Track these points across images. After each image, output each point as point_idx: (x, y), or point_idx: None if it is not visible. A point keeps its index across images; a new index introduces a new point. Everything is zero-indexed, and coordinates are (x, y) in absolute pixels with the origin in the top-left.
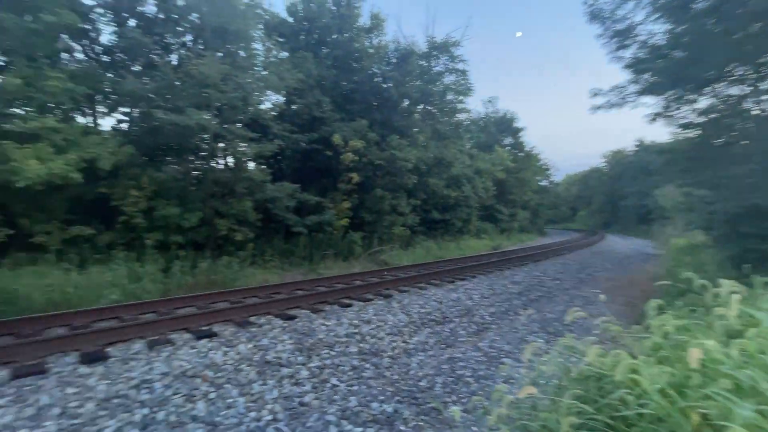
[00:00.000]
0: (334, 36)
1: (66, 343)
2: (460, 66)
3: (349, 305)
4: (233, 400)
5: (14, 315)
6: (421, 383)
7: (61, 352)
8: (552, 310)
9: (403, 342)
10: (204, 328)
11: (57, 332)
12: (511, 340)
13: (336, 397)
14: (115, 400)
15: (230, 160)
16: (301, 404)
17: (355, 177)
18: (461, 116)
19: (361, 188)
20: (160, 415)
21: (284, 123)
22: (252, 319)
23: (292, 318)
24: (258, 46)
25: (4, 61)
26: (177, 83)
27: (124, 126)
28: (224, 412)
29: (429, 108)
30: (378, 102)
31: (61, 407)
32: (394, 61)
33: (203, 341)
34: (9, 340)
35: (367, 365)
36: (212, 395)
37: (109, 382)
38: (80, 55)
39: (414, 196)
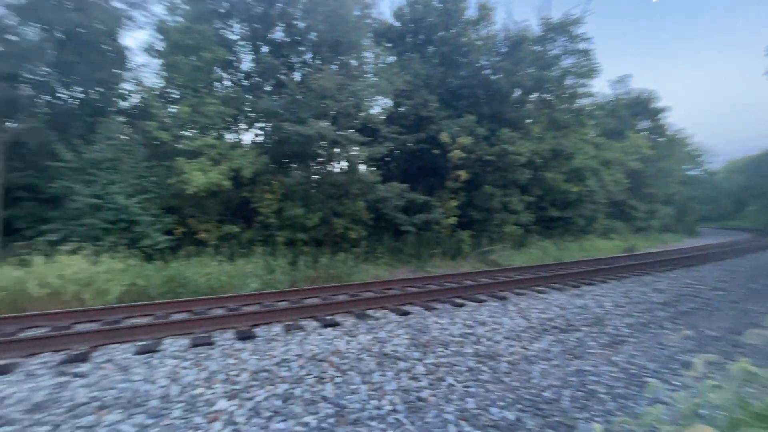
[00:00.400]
0: (440, 33)
1: (225, 322)
2: (581, 46)
3: (462, 305)
4: (356, 387)
5: (187, 296)
6: (545, 394)
7: (222, 329)
8: (712, 327)
9: (522, 348)
10: (328, 317)
11: (218, 312)
12: (655, 358)
13: (453, 396)
14: (263, 374)
15: (344, 163)
16: (419, 399)
17: (463, 174)
18: (584, 101)
19: (470, 186)
20: (297, 392)
21: (392, 125)
22: (369, 312)
23: (406, 314)
24: (368, 54)
25: (177, 95)
26: (299, 97)
27: (260, 139)
28: (349, 397)
29: (544, 96)
30: (486, 95)
31: (225, 374)
32: (504, 50)
33: (328, 329)
34: (186, 315)
35: (484, 368)
36: (338, 380)
37: (258, 357)
38: (228, 83)
39: (528, 192)
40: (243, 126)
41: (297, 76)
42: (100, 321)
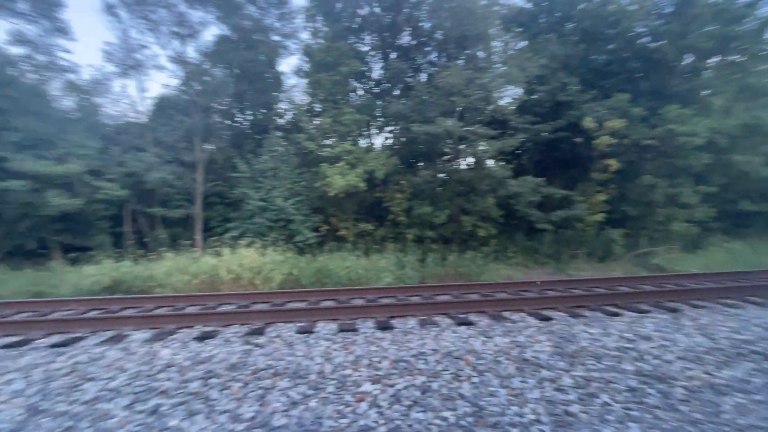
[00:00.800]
0: (581, 6)
1: (366, 311)
2: None
3: (617, 314)
4: (495, 390)
5: (331, 286)
6: None
7: (363, 317)
8: None
9: (706, 373)
10: (461, 315)
11: (358, 302)
12: None
13: (610, 417)
14: (402, 364)
15: (471, 159)
16: (567, 413)
17: (614, 164)
18: None
19: (622, 176)
20: (434, 385)
21: (525, 115)
22: (505, 314)
23: (547, 319)
24: (496, 43)
25: (320, 108)
26: (425, 98)
27: (389, 142)
28: (487, 399)
29: (731, 58)
30: (644, 68)
31: (368, 359)
32: (669, 10)
33: (462, 328)
34: (333, 303)
35: (651, 390)
36: (475, 379)
37: (397, 347)
38: (360, 92)
39: (706, 182)
40: (374, 131)
41: (423, 77)
42: (269, 303)
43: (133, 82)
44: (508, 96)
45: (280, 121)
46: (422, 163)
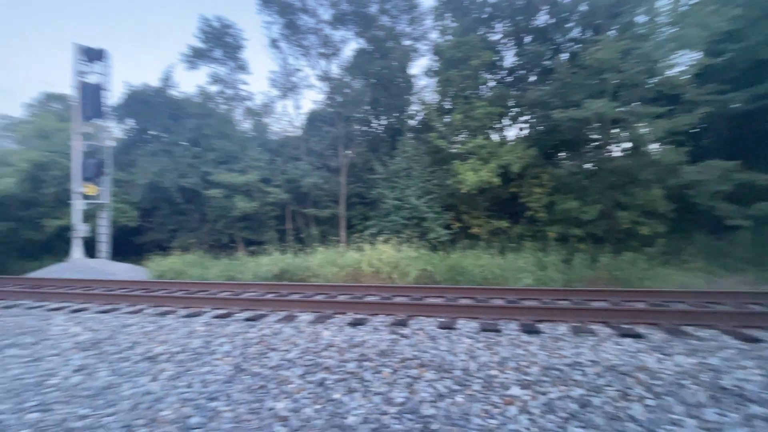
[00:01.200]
0: None
1: (507, 312)
2: None
3: None
4: (679, 418)
5: (465, 284)
6: None
7: (505, 319)
8: None
9: None
10: (624, 326)
11: (498, 302)
12: None
13: None
14: (554, 372)
15: (628, 145)
16: None
17: None
18: None
19: None
20: (596, 401)
21: (706, 84)
22: (687, 329)
23: (754, 340)
24: (663, 1)
25: (450, 105)
26: (568, 80)
27: (525, 132)
28: (669, 427)
29: None
30: None
31: (515, 362)
32: None
33: (628, 340)
34: (470, 302)
35: None
36: (650, 402)
37: (547, 354)
38: (492, 83)
39: None
40: (507, 122)
41: (564, 57)
42: (408, 296)
43: (290, 102)
44: (681, 64)
45: (412, 123)
46: (565, 153)
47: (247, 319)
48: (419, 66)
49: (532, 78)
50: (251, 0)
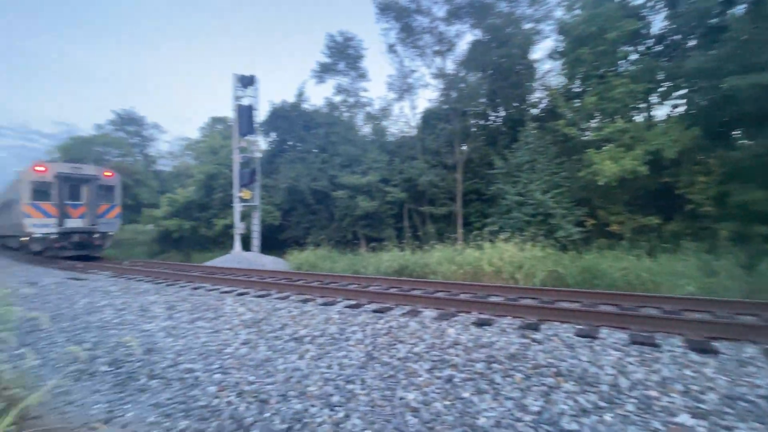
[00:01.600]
0: None
1: (666, 325)
2: None
3: None
4: None
5: (602, 288)
6: None
7: (664, 332)
8: None
9: None
10: None
11: (651, 312)
12: None
13: None
14: (740, 403)
15: None
16: None
17: None
18: None
19: None
20: None
21: None
22: None
23: None
24: None
25: (579, 88)
26: (746, 37)
27: (681, 110)
28: None
29: None
30: None
31: (683, 385)
32: None
33: None
34: (613, 309)
35: None
36: None
37: (728, 380)
38: (634, 56)
39: None
40: (655, 100)
41: (740, 9)
42: (536, 299)
43: (406, 103)
44: None
45: (534, 111)
46: (743, 131)
47: (375, 311)
48: (542, 49)
49: (691, 42)
50: (369, 11)
